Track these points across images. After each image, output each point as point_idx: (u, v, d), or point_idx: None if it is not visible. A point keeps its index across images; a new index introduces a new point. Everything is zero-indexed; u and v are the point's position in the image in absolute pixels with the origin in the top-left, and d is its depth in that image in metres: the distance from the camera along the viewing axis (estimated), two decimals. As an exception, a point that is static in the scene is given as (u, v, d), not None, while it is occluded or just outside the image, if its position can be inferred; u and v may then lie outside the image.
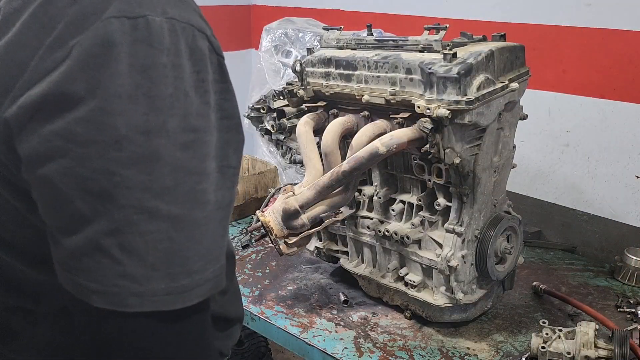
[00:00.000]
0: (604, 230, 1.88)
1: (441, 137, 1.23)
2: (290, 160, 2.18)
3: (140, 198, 0.59)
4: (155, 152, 0.59)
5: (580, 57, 1.90)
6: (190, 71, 0.61)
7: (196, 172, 0.62)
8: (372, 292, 1.55)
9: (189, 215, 0.62)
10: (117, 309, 0.60)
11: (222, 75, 0.67)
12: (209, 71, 0.64)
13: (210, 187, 0.64)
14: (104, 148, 0.58)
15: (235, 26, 3.11)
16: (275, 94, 2.15)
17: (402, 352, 1.35)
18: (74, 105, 0.57)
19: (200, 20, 0.64)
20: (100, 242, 0.59)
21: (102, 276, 0.60)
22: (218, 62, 0.66)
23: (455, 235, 1.33)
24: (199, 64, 0.62)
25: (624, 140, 1.84)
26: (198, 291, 0.64)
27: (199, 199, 0.63)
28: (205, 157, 0.63)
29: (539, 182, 2.06)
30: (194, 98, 0.61)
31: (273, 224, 1.34)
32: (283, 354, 2.57)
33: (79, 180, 0.58)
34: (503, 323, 1.47)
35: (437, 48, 1.28)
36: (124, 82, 0.57)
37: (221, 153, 0.66)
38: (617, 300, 1.57)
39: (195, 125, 0.62)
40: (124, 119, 0.57)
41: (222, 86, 0.66)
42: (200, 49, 0.62)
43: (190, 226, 0.62)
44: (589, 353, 1.21)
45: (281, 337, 1.45)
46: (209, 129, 0.64)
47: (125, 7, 0.58)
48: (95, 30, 0.57)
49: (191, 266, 0.63)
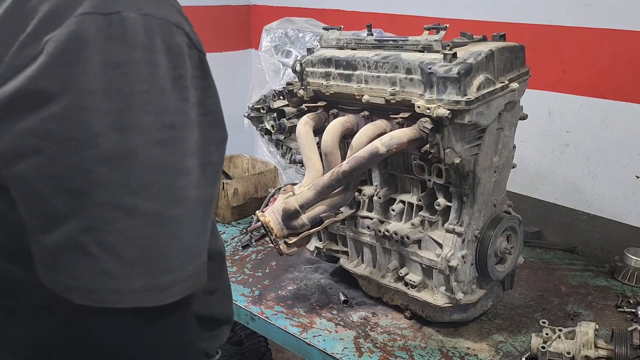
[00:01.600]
0: (604, 230, 1.88)
1: (441, 137, 1.23)
2: (290, 160, 2.18)
3: (116, 195, 0.59)
4: (131, 149, 0.59)
5: (580, 57, 1.90)
6: (167, 67, 0.61)
7: (174, 169, 0.62)
8: (372, 292, 1.55)
9: (168, 212, 0.62)
10: (97, 305, 0.60)
11: (203, 71, 0.66)
12: (187, 67, 0.63)
13: (190, 184, 0.64)
14: (78, 145, 0.57)
15: (235, 26, 3.11)
16: (275, 94, 2.15)
17: (402, 352, 1.35)
18: (47, 102, 0.57)
19: (178, 16, 0.64)
20: (77, 240, 0.59)
21: (81, 273, 0.60)
22: (199, 58, 0.65)
23: (455, 235, 1.33)
24: (176, 60, 0.62)
25: (624, 140, 1.84)
26: (178, 288, 0.64)
27: (177, 196, 0.62)
28: (184, 154, 0.63)
29: (539, 182, 2.06)
30: (171, 94, 0.61)
31: (273, 224, 1.34)
32: (283, 354, 2.57)
33: (54, 178, 0.58)
34: (503, 323, 1.47)
35: (437, 48, 1.28)
36: (98, 78, 0.57)
37: (202, 150, 0.66)
38: (617, 300, 1.57)
39: (173, 122, 0.61)
40: (98, 116, 0.57)
41: (203, 82, 0.66)
42: (177, 45, 0.62)
43: (169, 223, 0.62)
44: (589, 353, 1.21)
45: (281, 337, 1.45)
46: (188, 125, 0.63)
47: (99, 4, 0.58)
48: (68, 27, 0.57)
49: (171, 263, 0.63)
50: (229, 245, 1.89)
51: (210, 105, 0.67)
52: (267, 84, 2.16)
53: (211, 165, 0.68)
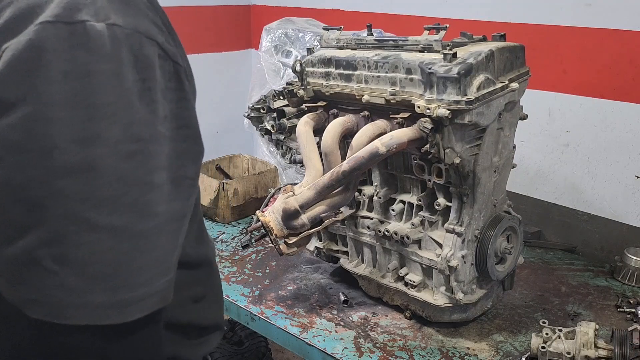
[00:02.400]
0: (604, 230, 1.88)
1: (441, 137, 1.23)
2: (290, 160, 2.19)
3: (77, 208, 0.57)
4: (94, 161, 0.57)
5: (580, 57, 1.90)
6: (134, 79, 0.59)
7: (141, 183, 0.60)
8: (372, 292, 1.55)
9: (134, 226, 0.60)
10: (54, 321, 0.59)
11: (178, 83, 0.64)
12: (157, 79, 0.61)
13: (160, 198, 0.62)
14: (38, 156, 0.56)
15: (235, 26, 3.11)
16: (275, 94, 2.15)
17: (402, 352, 1.35)
18: (6, 111, 0.55)
19: (151, 26, 0.62)
20: (37, 253, 0.57)
21: (40, 287, 0.58)
22: (174, 69, 0.64)
23: (455, 235, 1.33)
24: (144, 72, 0.60)
25: (624, 140, 1.84)
26: (142, 305, 0.62)
27: (144, 210, 0.61)
28: (153, 168, 0.61)
29: (539, 182, 2.06)
30: (138, 107, 0.59)
31: (273, 224, 1.34)
32: (283, 354, 2.57)
33: (13, 190, 0.57)
34: (503, 323, 1.47)
35: (437, 48, 1.28)
36: (59, 88, 0.55)
37: (176, 163, 0.64)
38: (617, 300, 1.57)
39: (139, 135, 0.59)
40: (59, 127, 0.56)
41: (178, 94, 0.64)
42: (146, 56, 0.60)
43: (135, 238, 0.60)
44: (589, 353, 1.21)
45: (281, 337, 1.45)
46: (157, 139, 0.61)
47: (63, 12, 0.57)
48: (27, 35, 0.56)
49: (135, 279, 0.61)
50: (228, 245, 1.89)
51: (186, 118, 0.65)
52: (267, 84, 2.17)
53: (186, 180, 0.66)
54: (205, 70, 2.96)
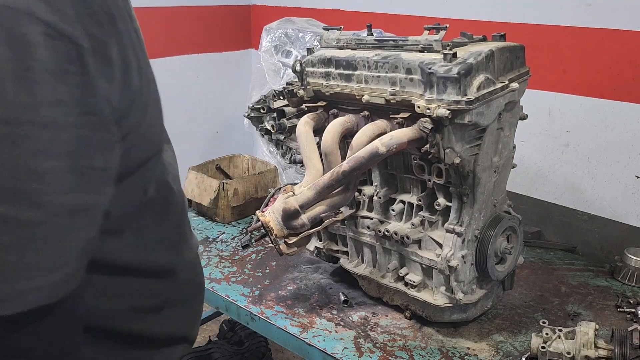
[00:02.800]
0: (604, 230, 1.88)
1: (441, 137, 1.23)
2: (290, 160, 2.19)
3: None
4: None
5: (580, 57, 1.90)
6: (7, 58, 0.54)
7: (18, 169, 0.56)
8: (372, 292, 1.55)
9: (14, 215, 0.56)
10: None
11: (81, 67, 0.59)
12: (39, 60, 0.56)
13: (49, 188, 0.58)
14: None
15: (235, 26, 3.11)
16: (275, 94, 2.15)
17: (402, 352, 1.35)
18: None
19: (35, 3, 0.56)
20: None
21: None
22: (76, 51, 0.58)
23: (455, 235, 1.33)
24: (21, 50, 0.55)
25: (624, 140, 1.84)
26: (20, 300, 0.59)
27: (27, 199, 0.56)
28: (35, 154, 0.56)
29: (539, 182, 2.06)
30: (9, 88, 0.54)
31: (273, 224, 1.34)
32: (283, 354, 2.57)
33: None
34: (503, 323, 1.47)
35: (437, 48, 1.28)
36: None
37: (79, 152, 0.60)
38: (617, 300, 1.57)
39: (10, 118, 0.55)
40: None
41: (81, 79, 0.59)
42: (23, 35, 0.55)
43: (13, 228, 0.56)
44: (589, 353, 1.22)
45: (281, 337, 1.45)
46: (40, 123, 0.56)
47: None
48: None
49: (13, 272, 0.58)
50: (228, 245, 1.89)
51: (92, 105, 0.60)
52: (267, 84, 2.17)
53: (92, 170, 0.61)
54: (205, 70, 2.96)
